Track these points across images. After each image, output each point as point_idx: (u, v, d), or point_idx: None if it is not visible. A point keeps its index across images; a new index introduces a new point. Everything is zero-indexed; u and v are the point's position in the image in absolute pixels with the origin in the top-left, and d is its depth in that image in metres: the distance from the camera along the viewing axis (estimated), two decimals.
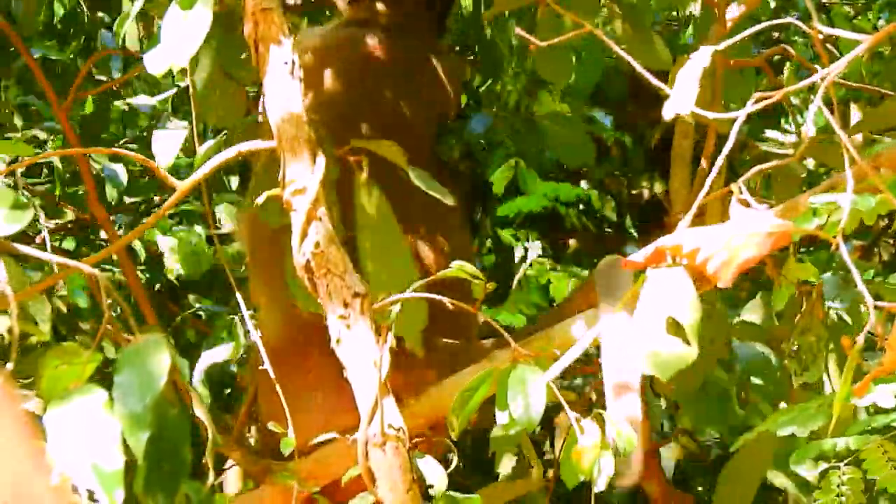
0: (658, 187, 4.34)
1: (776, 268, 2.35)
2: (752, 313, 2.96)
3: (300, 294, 2.36)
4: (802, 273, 2.35)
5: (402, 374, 2.36)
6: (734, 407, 2.80)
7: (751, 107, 1.88)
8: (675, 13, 4.24)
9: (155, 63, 2.32)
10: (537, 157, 3.88)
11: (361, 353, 2.22)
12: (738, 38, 2.08)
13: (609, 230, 4.35)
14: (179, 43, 2.32)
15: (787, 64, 3.87)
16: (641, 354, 1.88)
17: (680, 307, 1.89)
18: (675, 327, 1.89)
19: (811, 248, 3.90)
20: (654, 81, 2.01)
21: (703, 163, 2.85)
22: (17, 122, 4.02)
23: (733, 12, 2.95)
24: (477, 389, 2.20)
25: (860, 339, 1.90)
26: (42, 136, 3.85)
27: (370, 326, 2.23)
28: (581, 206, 4.24)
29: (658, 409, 3.30)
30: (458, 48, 3.87)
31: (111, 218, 3.59)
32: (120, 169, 3.80)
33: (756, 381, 2.82)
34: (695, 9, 3.62)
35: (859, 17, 4.61)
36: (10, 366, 2.04)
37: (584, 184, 4.28)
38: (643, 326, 1.89)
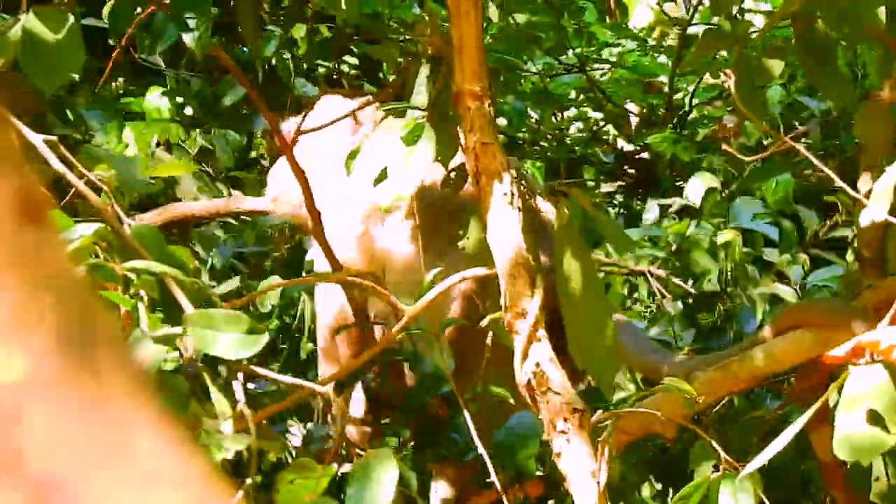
0: None
1: None
2: None
3: None
4: None
5: None
6: None
7: None
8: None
9: (384, 196, 2.48)
10: None
11: (581, 465, 2.29)
12: None
13: None
14: (405, 176, 2.48)
15: None
16: (838, 441, 1.90)
17: (879, 399, 1.91)
18: (876, 419, 1.90)
19: None
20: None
21: None
22: None
23: None
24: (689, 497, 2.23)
25: None
26: None
27: (588, 440, 2.30)
28: None
29: None
30: None
31: None
32: None
33: None
34: None
35: None
36: (249, 481, 2.16)
37: None
38: (844, 417, 1.91)
